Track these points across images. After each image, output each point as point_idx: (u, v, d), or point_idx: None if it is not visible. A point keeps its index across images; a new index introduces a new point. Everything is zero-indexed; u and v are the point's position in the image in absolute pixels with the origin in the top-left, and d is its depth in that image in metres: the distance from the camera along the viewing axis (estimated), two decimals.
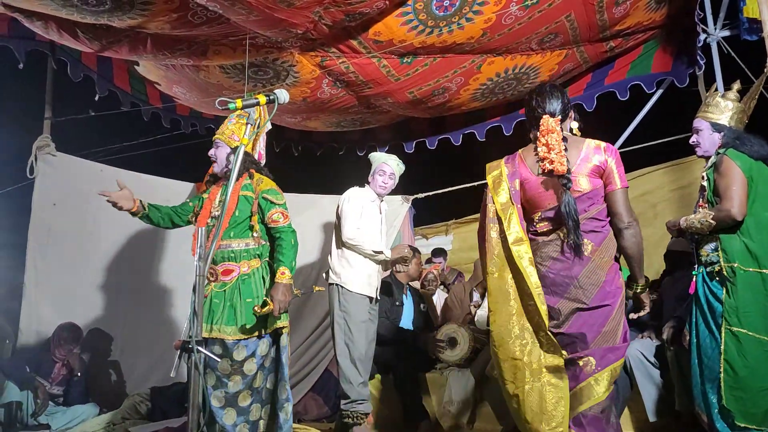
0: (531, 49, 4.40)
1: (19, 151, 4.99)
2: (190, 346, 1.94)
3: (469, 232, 6.98)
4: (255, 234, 2.97)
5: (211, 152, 3.07)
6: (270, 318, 2.87)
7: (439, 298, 5.73)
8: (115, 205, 3.03)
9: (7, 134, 5.36)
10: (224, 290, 2.87)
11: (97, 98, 4.93)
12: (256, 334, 2.86)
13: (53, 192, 4.79)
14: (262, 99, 2.08)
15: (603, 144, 2.46)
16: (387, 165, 3.87)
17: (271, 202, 2.99)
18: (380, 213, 3.89)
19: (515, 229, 2.43)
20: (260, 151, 4.40)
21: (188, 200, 3.24)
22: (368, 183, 3.90)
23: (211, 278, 2.89)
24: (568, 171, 2.36)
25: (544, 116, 2.44)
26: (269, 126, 4.51)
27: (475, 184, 6.03)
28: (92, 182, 4.97)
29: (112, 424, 4.23)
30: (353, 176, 4.16)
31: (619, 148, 5.17)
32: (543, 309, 2.33)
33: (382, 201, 3.94)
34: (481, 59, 4.42)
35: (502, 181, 2.55)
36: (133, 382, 4.82)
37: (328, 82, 4.57)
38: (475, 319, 4.29)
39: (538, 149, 2.42)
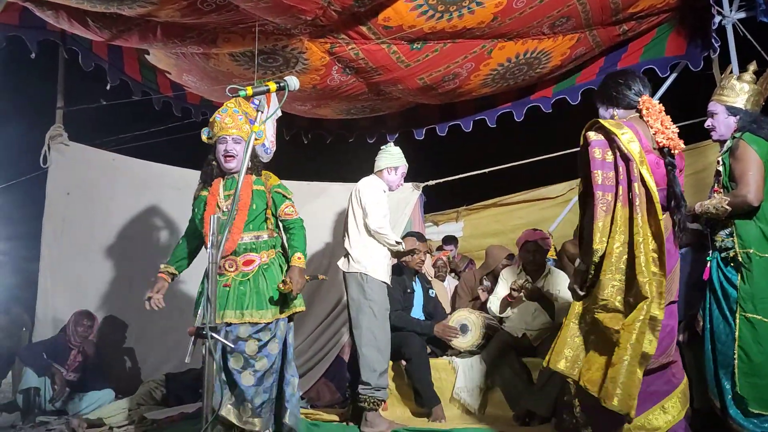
0: (542, 34, 4.35)
1: (32, 141, 5.04)
2: (204, 332, 1.95)
3: (479, 218, 6.98)
4: (269, 226, 3.12)
5: (230, 148, 3.06)
6: (290, 302, 3.06)
7: (449, 285, 5.73)
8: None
9: (20, 124, 5.40)
10: (248, 279, 3.02)
11: (108, 87, 4.96)
12: (279, 317, 3.04)
13: (66, 181, 4.83)
14: (273, 86, 2.08)
15: None
16: (406, 166, 3.94)
17: (283, 196, 3.15)
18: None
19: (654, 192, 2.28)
20: (271, 140, 4.41)
21: (190, 222, 3.25)
22: (379, 173, 3.89)
23: (231, 269, 3.02)
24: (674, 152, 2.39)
25: (646, 96, 2.48)
26: (279, 113, 4.51)
27: (486, 170, 6.02)
28: (104, 171, 5.03)
29: (129, 409, 4.29)
30: (364, 164, 4.15)
31: None
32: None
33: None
34: (491, 44, 4.38)
35: (635, 141, 2.33)
36: (147, 369, 4.88)
37: (338, 69, 4.55)
38: (487, 306, 4.28)
39: (652, 123, 2.39)
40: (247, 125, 3.09)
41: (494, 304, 4.19)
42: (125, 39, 4.08)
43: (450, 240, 6.36)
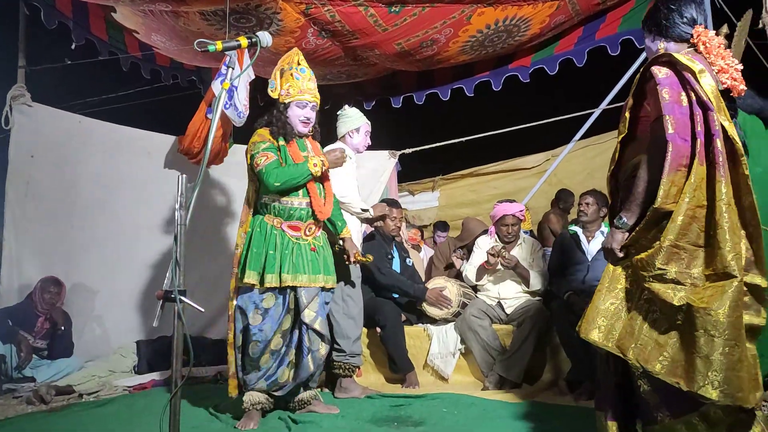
0: (522, 0, 4.28)
1: None
2: (172, 295, 1.90)
3: (455, 188, 6.99)
4: None
5: (309, 114, 3.08)
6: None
7: (425, 254, 5.75)
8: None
9: None
10: (321, 245, 3.11)
11: (73, 47, 4.76)
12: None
13: (30, 144, 4.65)
14: (244, 41, 1.99)
15: None
16: (368, 124, 3.83)
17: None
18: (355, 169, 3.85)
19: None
20: (244, 104, 4.29)
21: (274, 157, 2.99)
22: (342, 139, 3.82)
23: (309, 234, 3.06)
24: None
25: (701, 28, 2.12)
26: (252, 75, 4.38)
27: (463, 140, 5.99)
28: (70, 134, 4.86)
29: (98, 376, 4.23)
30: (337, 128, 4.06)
31: (609, 104, 5.23)
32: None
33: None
34: (471, 9, 4.30)
35: (711, 84, 1.96)
36: (118, 336, 4.81)
37: (314, 31, 4.43)
38: (463, 274, 4.30)
39: (714, 59, 2.05)
40: (317, 90, 3.14)
41: (470, 272, 4.21)
42: None
43: (444, 227, 6.34)
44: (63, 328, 4.38)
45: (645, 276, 1.98)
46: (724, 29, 2.88)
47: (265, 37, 2.01)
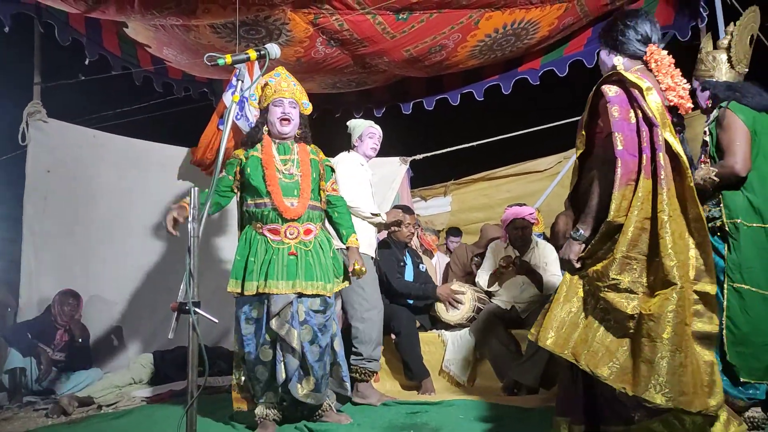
0: (530, 3, 4.28)
1: (9, 118, 4.91)
2: (187, 307, 1.92)
3: (467, 193, 6.96)
4: (322, 198, 3.12)
5: (288, 111, 2.99)
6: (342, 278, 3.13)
7: (438, 261, 5.73)
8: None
9: None
10: (309, 249, 2.95)
11: (87, 62, 4.84)
12: (335, 290, 3.07)
13: (46, 159, 4.73)
14: (253, 54, 2.02)
15: None
16: (374, 128, 3.87)
17: (332, 170, 3.19)
18: (370, 176, 3.87)
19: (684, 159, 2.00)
20: (255, 113, 4.33)
21: (223, 174, 2.99)
22: (353, 148, 3.86)
23: (291, 236, 2.91)
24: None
25: (653, 47, 2.19)
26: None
27: (474, 144, 5.99)
28: (86, 148, 4.94)
29: (117, 387, 4.27)
30: (350, 139, 4.10)
31: None
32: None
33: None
34: (478, 14, 4.30)
35: (657, 101, 2.04)
36: (135, 347, 4.86)
37: (322, 41, 4.46)
38: (476, 280, 4.28)
39: (662, 78, 2.13)
40: (300, 92, 3.08)
41: (482, 278, 4.19)
42: (102, 11, 3.96)
43: (457, 232, 6.33)
44: (81, 340, 4.43)
45: (600, 286, 2.06)
46: (731, 28, 2.85)
47: (273, 49, 2.03)
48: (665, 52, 2.19)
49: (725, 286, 2.64)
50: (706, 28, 4.24)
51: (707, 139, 2.83)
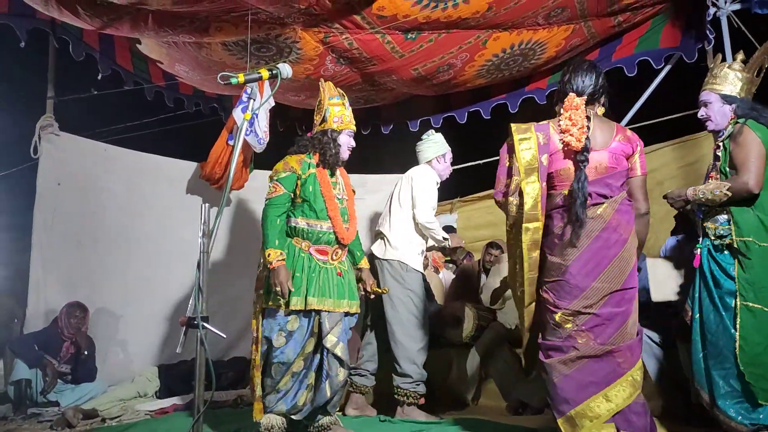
0: (537, 24, 4.33)
1: (22, 131, 4.98)
2: (195, 322, 1.94)
3: (473, 210, 6.96)
4: None
5: (353, 142, 3.23)
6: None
7: (445, 277, 5.72)
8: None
9: (10, 114, 5.34)
10: (345, 270, 3.15)
11: (99, 77, 4.90)
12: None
13: (57, 172, 4.78)
14: (265, 73, 2.06)
15: (629, 131, 2.59)
16: (450, 150, 3.88)
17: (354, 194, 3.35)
18: None
19: (531, 203, 2.47)
20: (265, 130, 4.38)
21: (284, 191, 3.03)
22: (429, 164, 3.81)
23: (335, 258, 3.11)
24: (586, 148, 2.42)
25: (571, 94, 2.53)
26: (272, 103, 4.48)
27: (480, 162, 6.01)
28: (96, 162, 4.99)
29: (122, 400, 4.28)
30: (358, 155, 4.12)
31: (626, 125, 5.21)
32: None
33: None
34: (486, 34, 4.35)
35: (531, 149, 2.53)
36: (140, 361, 4.86)
37: (332, 59, 4.52)
38: (480, 296, 4.28)
39: (561, 122, 2.49)
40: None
41: (486, 296, 4.19)
42: (116, 28, 4.03)
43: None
44: (87, 352, 4.45)
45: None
46: (740, 55, 2.89)
47: (285, 69, 2.07)
48: (580, 99, 2.52)
49: (737, 304, 2.62)
50: (713, 50, 4.27)
51: (719, 153, 2.82)
